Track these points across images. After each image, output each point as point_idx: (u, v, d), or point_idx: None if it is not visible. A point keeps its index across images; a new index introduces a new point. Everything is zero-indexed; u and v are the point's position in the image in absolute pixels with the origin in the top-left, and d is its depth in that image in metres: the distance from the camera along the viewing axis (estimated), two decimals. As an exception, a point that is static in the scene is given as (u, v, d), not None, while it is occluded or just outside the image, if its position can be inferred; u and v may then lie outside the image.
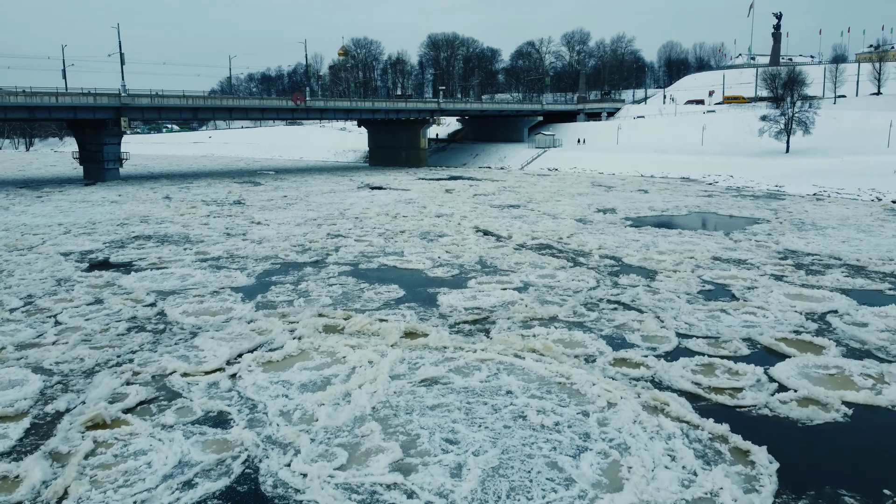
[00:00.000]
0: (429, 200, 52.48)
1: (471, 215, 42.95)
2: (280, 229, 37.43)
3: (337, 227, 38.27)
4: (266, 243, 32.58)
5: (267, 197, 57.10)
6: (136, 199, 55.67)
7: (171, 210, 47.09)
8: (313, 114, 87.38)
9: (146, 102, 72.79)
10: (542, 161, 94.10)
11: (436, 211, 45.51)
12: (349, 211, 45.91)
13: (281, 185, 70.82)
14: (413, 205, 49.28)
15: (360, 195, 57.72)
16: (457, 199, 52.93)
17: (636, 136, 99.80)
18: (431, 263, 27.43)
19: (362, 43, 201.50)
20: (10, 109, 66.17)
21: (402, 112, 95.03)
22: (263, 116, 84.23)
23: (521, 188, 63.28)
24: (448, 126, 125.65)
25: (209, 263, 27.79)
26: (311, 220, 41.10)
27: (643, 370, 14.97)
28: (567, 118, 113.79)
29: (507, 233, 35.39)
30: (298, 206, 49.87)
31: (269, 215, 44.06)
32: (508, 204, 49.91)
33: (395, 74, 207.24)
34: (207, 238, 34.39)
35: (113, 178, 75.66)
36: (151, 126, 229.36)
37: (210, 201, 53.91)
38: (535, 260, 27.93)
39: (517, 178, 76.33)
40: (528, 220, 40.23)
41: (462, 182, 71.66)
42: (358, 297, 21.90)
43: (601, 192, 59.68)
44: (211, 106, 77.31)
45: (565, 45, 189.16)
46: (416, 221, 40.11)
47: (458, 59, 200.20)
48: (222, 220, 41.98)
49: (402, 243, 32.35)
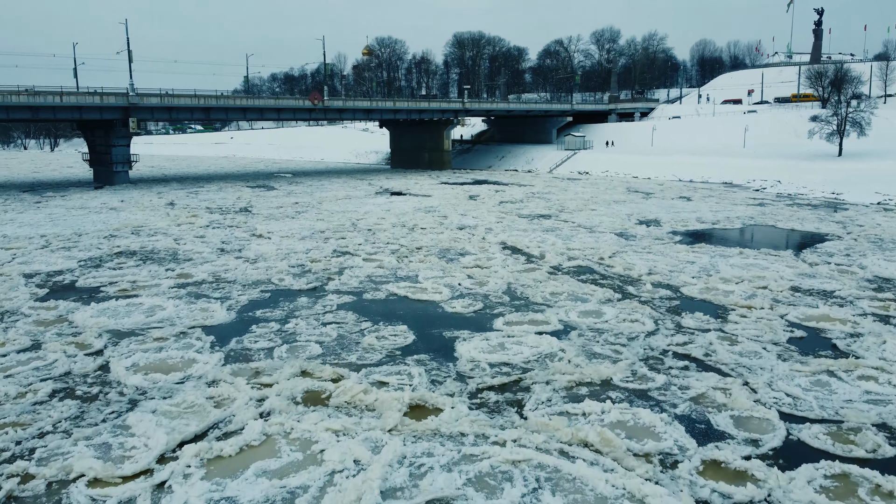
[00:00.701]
0: (451, 209, 47.98)
1: (497, 228, 38.35)
2: (282, 244, 33.18)
3: (346, 241, 33.91)
4: (261, 263, 28.31)
5: (277, 203, 53.05)
6: (137, 205, 51.94)
7: (169, 219, 43.17)
8: (331, 114, 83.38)
9: (155, 102, 69.28)
10: (572, 164, 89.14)
11: (458, 222, 40.99)
12: (362, 221, 41.57)
13: (295, 189, 66.84)
14: (433, 214, 44.82)
15: (377, 202, 53.40)
16: (481, 208, 48.35)
17: (672, 137, 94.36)
18: (450, 293, 22.90)
19: (386, 42, 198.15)
20: (12, 109, 62.99)
21: (425, 112, 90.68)
22: (279, 117, 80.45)
23: (551, 194, 58.52)
24: (473, 127, 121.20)
25: (188, 290, 23.56)
26: (318, 233, 36.81)
27: (752, 489, 10.25)
28: (598, 119, 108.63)
29: (538, 251, 30.75)
30: (308, 214, 45.67)
31: (273, 226, 39.87)
32: (538, 213, 45.22)
33: (420, 74, 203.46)
34: (197, 255, 30.23)
35: (122, 181, 72.31)
36: (176, 126, 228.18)
37: (215, 208, 49.97)
38: (575, 289, 23.27)
39: (546, 183, 71.52)
40: (561, 235, 35.51)
41: (487, 187, 67.05)
42: (355, 345, 17.45)
43: (639, 199, 54.70)
44: (223, 106, 73.63)
45: (594, 43, 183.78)
46: (436, 235, 35.61)
47: (483, 59, 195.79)
48: (221, 231, 37.87)
49: (418, 264, 27.87)
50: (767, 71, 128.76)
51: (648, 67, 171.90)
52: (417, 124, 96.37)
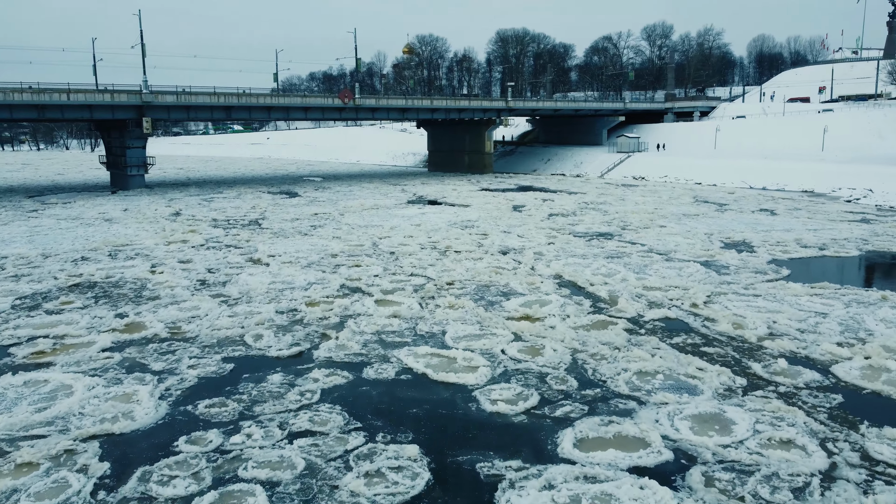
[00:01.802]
0: (492, 223, 40.83)
1: (548, 252, 31.06)
2: (279, 274, 26.50)
3: (360, 271, 27.06)
4: (241, 307, 21.60)
5: (294, 214, 46.60)
6: (137, 216, 46.07)
7: (162, 236, 36.94)
8: (363, 113, 76.92)
9: (171, 100, 63.73)
10: (626, 168, 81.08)
11: (500, 242, 33.82)
12: (386, 241, 34.71)
13: (320, 196, 60.48)
14: (471, 231, 37.74)
15: (408, 213, 46.54)
16: (528, 223, 41.08)
17: (737, 139, 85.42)
18: (489, 369, 15.80)
19: (427, 40, 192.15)
20: (15, 108, 58.04)
21: (465, 111, 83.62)
22: (307, 116, 74.40)
23: (607, 205, 50.90)
24: (516, 127, 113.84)
25: (124, 356, 16.94)
26: (328, 258, 30.04)
27: None
28: (652, 118, 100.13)
29: (606, 290, 23.42)
30: (325, 230, 39.01)
31: (278, 246, 33.26)
32: (597, 231, 37.76)
33: (461, 72, 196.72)
34: (167, 292, 23.70)
35: (137, 185, 67.06)
36: (217, 127, 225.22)
37: (221, 221, 43.74)
38: (672, 365, 15.94)
39: (599, 190, 63.79)
40: (631, 264, 28.07)
41: (533, 195, 59.67)
42: (332, 493, 10.49)
43: (712, 211, 46.72)
44: (246, 105, 67.75)
45: (645, 39, 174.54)
46: (473, 262, 28.52)
47: (527, 56, 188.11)
48: (213, 255, 31.39)
49: (447, 311, 20.83)
50: (839, 67, 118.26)
51: (703, 64, 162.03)
52: (457, 125, 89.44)
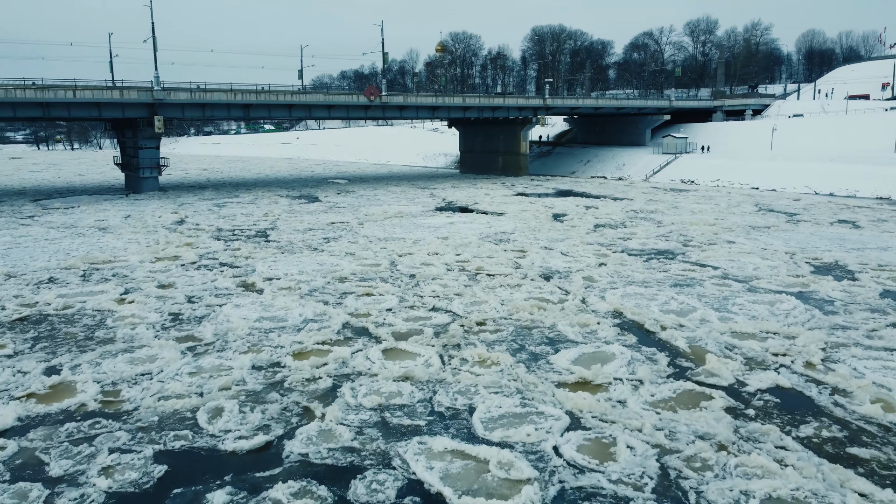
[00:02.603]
0: (530, 236, 35.48)
1: (601, 277, 25.63)
2: (272, 306, 21.56)
3: (370, 303, 21.99)
4: (209, 358, 16.65)
5: (308, 223, 41.82)
6: (137, 224, 41.74)
7: (152, 250, 32.33)
8: (390, 111, 72.01)
9: (185, 98, 59.54)
10: (673, 170, 74.91)
11: (542, 262, 28.48)
12: (407, 258, 29.63)
13: (341, 201, 55.71)
14: (507, 246, 32.44)
15: (435, 223, 41.43)
16: (572, 236, 35.66)
17: (795, 139, 78.56)
18: (538, 490, 10.54)
19: (461, 38, 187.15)
20: (19, 106, 54.32)
21: (500, 110, 78.22)
22: (330, 115, 69.79)
23: (659, 213, 45.17)
24: (552, 127, 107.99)
25: (20, 447, 12.07)
26: (335, 283, 25.02)
27: None
28: (699, 117, 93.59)
29: (684, 338, 17.99)
30: (339, 243, 34.05)
31: (280, 265, 28.38)
32: (654, 248, 32.17)
33: (496, 70, 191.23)
34: (125, 333, 18.89)
35: (150, 188, 63.08)
36: (249, 126, 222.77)
37: (226, 231, 39.11)
38: (815, 487, 10.50)
39: (647, 195, 57.94)
40: (707, 296, 22.51)
41: (574, 201, 54.08)
42: None
43: (783, 222, 40.73)
44: (264, 102, 63.32)
45: (689, 34, 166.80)
46: (509, 292, 23.26)
47: (564, 53, 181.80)
48: (201, 276, 26.59)
49: (475, 371, 15.62)
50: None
51: (748, 61, 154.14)
52: (490, 124, 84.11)
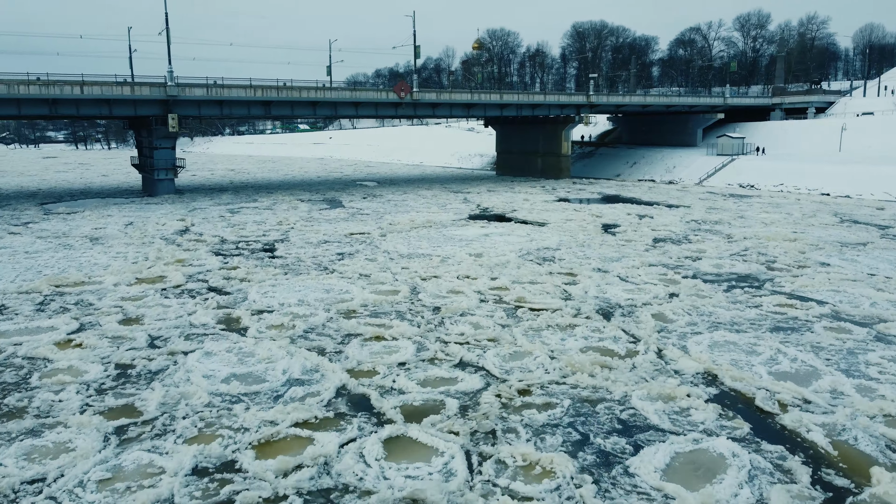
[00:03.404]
0: (579, 253, 30.04)
1: (676, 314, 20.09)
2: (251, 356, 16.60)
3: (378, 352, 16.88)
4: (134, 454, 11.75)
5: (324, 234, 36.97)
6: (135, 234, 37.38)
7: (137, 267, 27.68)
8: (422, 109, 67.00)
9: (201, 94, 55.36)
10: (729, 174, 68.48)
11: (597, 291, 23.04)
12: (432, 283, 24.47)
13: (366, 206, 50.88)
14: (552, 268, 27.06)
15: (467, 235, 36.22)
16: (629, 254, 30.11)
17: (866, 139, 71.50)
18: None
19: (498, 35, 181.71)
20: (24, 103, 50.72)
21: (540, 108, 72.66)
22: (357, 113, 65.07)
23: (724, 223, 39.27)
24: (594, 126, 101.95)
25: None
26: (339, 320, 19.98)
27: None
28: (754, 116, 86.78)
29: (818, 424, 12.51)
30: (354, 261, 29.03)
31: (279, 292, 23.46)
32: (732, 271, 26.47)
33: (534, 68, 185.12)
34: (43, 400, 14.02)
35: (165, 191, 59.11)
36: (285, 126, 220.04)
37: (230, 243, 34.44)
38: None
39: (705, 202, 51.88)
40: (824, 347, 16.88)
41: (625, 208, 48.36)
42: None
43: (876, 237, 34.56)
44: (287, 99, 58.86)
45: (738, 29, 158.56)
46: (560, 336, 17.93)
47: (605, 51, 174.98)
48: (181, 306, 21.79)
49: (516, 485, 10.40)
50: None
51: (803, 56, 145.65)
52: (529, 123, 78.61)
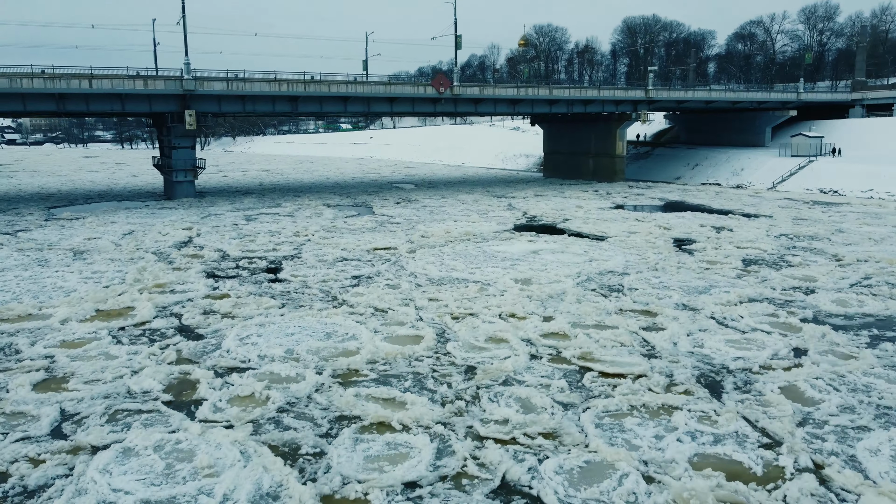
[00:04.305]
0: (655, 282, 23.74)
1: (818, 390, 13.74)
2: (188, 461, 11.03)
3: (374, 460, 11.08)
4: None
5: (343, 249, 31.43)
6: (127, 247, 32.42)
7: (103, 295, 22.44)
8: (463, 105, 61.16)
9: (220, 89, 50.54)
10: (807, 177, 60.90)
11: (690, 345, 16.83)
12: (466, 324, 18.57)
13: (398, 213, 45.32)
14: (622, 302, 20.87)
15: (512, 252, 30.23)
16: (719, 282, 23.70)
17: (965, 139, 63.21)
18: None
19: (545, 31, 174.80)
20: (29, 98, 46.51)
21: (593, 104, 66.14)
22: (392, 109, 59.71)
23: (822, 238, 32.40)
24: (649, 125, 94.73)
25: None
26: (332, 387, 14.21)
27: None
28: (829, 113, 78.56)
29: None
30: (371, 289, 23.27)
31: (265, 337, 17.84)
32: (865, 311, 19.89)
33: (582, 65, 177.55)
34: None
35: (184, 193, 54.56)
36: (326, 125, 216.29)
37: (231, 260, 29.12)
38: None
39: (787, 211, 44.82)
40: None
41: (695, 218, 41.68)
42: None
43: None
44: (315, 94, 53.67)
45: (803, 22, 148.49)
46: (653, 432, 11.87)
47: (658, 46, 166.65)
48: (129, 358, 16.29)
49: None
50: None
51: (875, 50, 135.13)
52: (580, 121, 72.11)
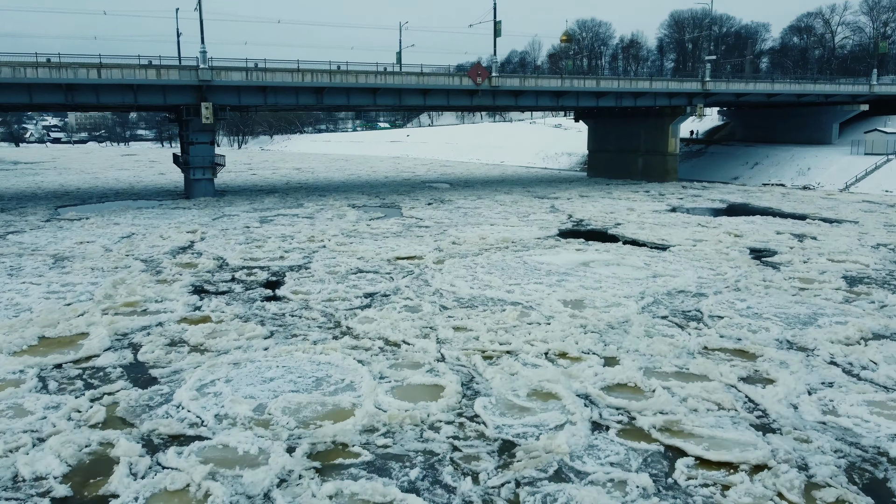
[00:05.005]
0: (740, 308, 18.67)
1: None
2: None
3: None
4: None
5: (360, 257, 27.04)
6: (118, 253, 28.56)
7: (57, 316, 18.36)
8: (502, 98, 56.34)
9: (239, 79, 46.71)
10: (885, 178, 54.60)
11: (815, 411, 11.81)
12: (502, 367, 13.90)
13: (431, 215, 40.85)
14: (705, 336, 15.90)
15: (557, 264, 25.44)
16: (824, 308, 18.54)
17: None
18: None
19: (589, 25, 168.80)
20: (35, 89, 43.27)
21: (644, 97, 60.71)
22: (426, 103, 55.26)
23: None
24: (699, 122, 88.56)
25: None
26: (305, 476, 9.76)
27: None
28: None
29: None
30: (383, 316, 18.76)
31: (234, 384, 13.43)
32: None
33: (627, 61, 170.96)
34: None
35: (202, 192, 50.98)
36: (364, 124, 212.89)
37: (228, 270, 24.95)
38: None
39: (872, 216, 38.98)
40: None
41: (766, 223, 36.21)
42: None
43: None
44: (341, 85, 49.52)
45: (866, 13, 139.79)
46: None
47: (708, 40, 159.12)
48: (40, 417, 12.07)
49: None
50: None
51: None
52: (628, 116, 66.72)
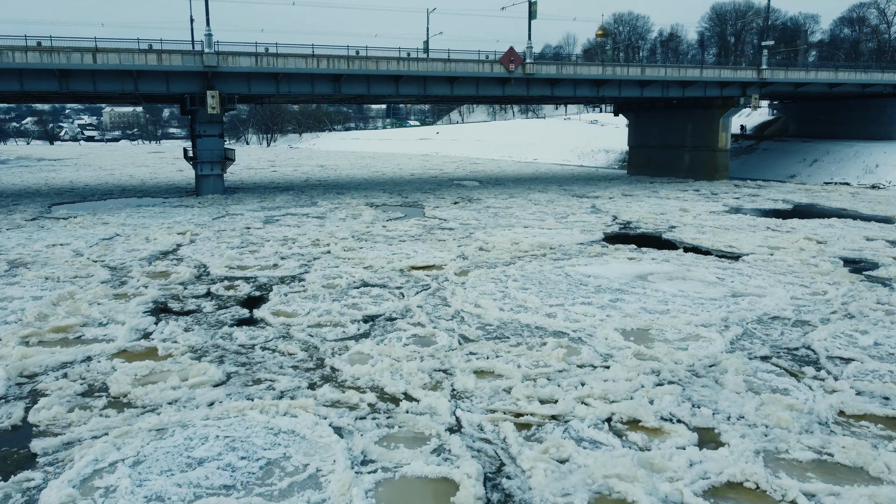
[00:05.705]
0: (862, 344, 13.79)
1: None
2: None
3: None
4: None
5: (368, 266, 22.57)
6: (84, 259, 24.57)
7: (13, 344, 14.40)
8: (536, 87, 51.40)
9: (248, 65, 42.64)
10: (970, 176, 48.64)
11: None
12: (541, 447, 9.34)
13: (456, 215, 36.26)
14: (834, 398, 11.06)
15: (607, 277, 20.64)
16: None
17: None
18: None
19: (625, 19, 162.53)
20: (27, 75, 39.69)
21: (693, 86, 55.29)
22: (453, 93, 50.62)
23: None
24: (749, 116, 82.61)
25: None
26: None
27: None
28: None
29: None
30: (383, 350, 14.25)
31: (147, 465, 9.05)
32: None
33: (666, 55, 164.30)
34: None
35: (211, 189, 47.10)
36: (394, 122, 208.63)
37: (207, 281, 20.66)
38: None
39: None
40: None
41: (845, 227, 30.85)
42: None
43: None
44: (360, 72, 45.21)
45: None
46: None
47: (751, 33, 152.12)
48: None
49: None
50: None
51: None
52: (673, 109, 61.37)
